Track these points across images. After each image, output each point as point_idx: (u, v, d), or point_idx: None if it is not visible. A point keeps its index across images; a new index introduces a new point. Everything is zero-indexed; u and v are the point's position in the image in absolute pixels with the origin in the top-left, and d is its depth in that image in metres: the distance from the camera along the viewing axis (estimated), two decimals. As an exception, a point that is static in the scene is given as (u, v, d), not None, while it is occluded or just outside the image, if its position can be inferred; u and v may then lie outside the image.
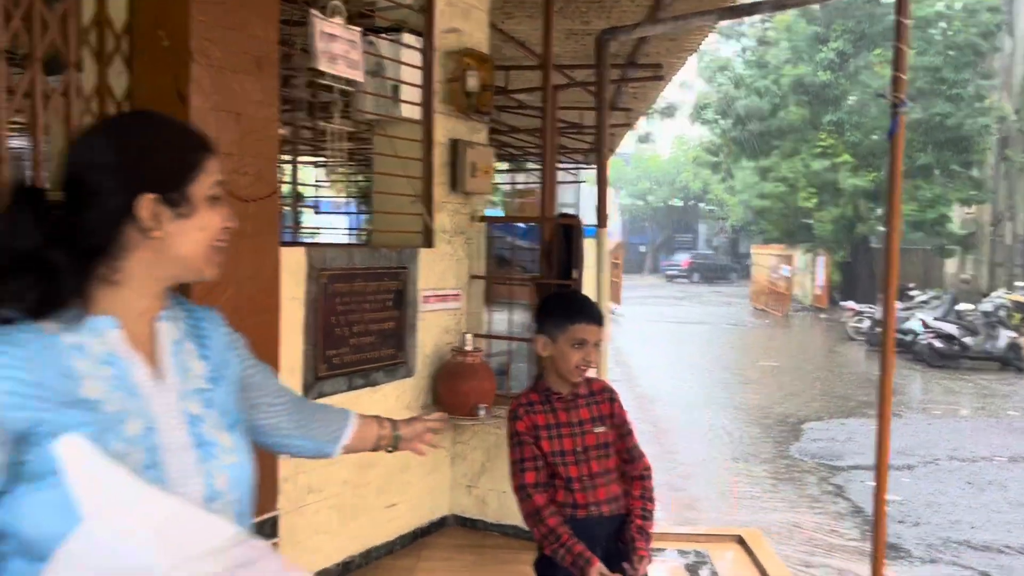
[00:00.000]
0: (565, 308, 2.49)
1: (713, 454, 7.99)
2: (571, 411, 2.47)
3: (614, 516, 2.45)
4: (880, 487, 3.65)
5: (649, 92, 9.90)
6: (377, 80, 4.08)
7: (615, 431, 2.50)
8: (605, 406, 2.51)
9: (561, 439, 2.45)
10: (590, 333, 2.42)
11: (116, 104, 2.72)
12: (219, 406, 1.28)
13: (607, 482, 2.45)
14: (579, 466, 2.44)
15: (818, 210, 23.56)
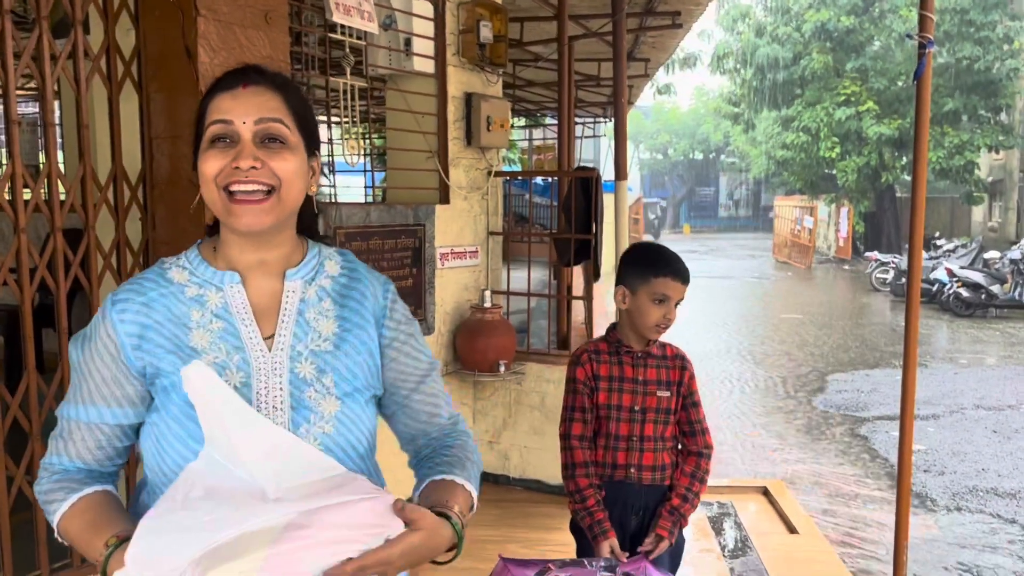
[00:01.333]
0: (650, 260, 2.34)
1: (738, 407, 7.97)
2: (638, 368, 2.36)
3: (654, 486, 2.36)
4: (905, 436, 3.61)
5: (667, 41, 9.68)
6: (389, 33, 4.00)
7: (681, 400, 2.40)
8: (675, 372, 2.39)
9: (621, 393, 2.36)
10: (674, 290, 2.30)
11: (125, 63, 2.68)
12: (337, 371, 1.25)
13: (657, 449, 2.35)
14: (632, 425, 2.35)
15: (841, 160, 23.17)
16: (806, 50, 23.51)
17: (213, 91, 1.24)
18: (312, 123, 1.28)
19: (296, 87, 1.29)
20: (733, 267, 23.62)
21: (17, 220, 2.39)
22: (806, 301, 16.23)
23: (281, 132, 1.21)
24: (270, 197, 1.19)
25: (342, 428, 1.23)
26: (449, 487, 1.25)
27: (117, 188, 2.69)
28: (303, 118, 1.25)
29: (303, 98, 1.28)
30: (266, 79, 1.24)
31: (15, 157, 2.40)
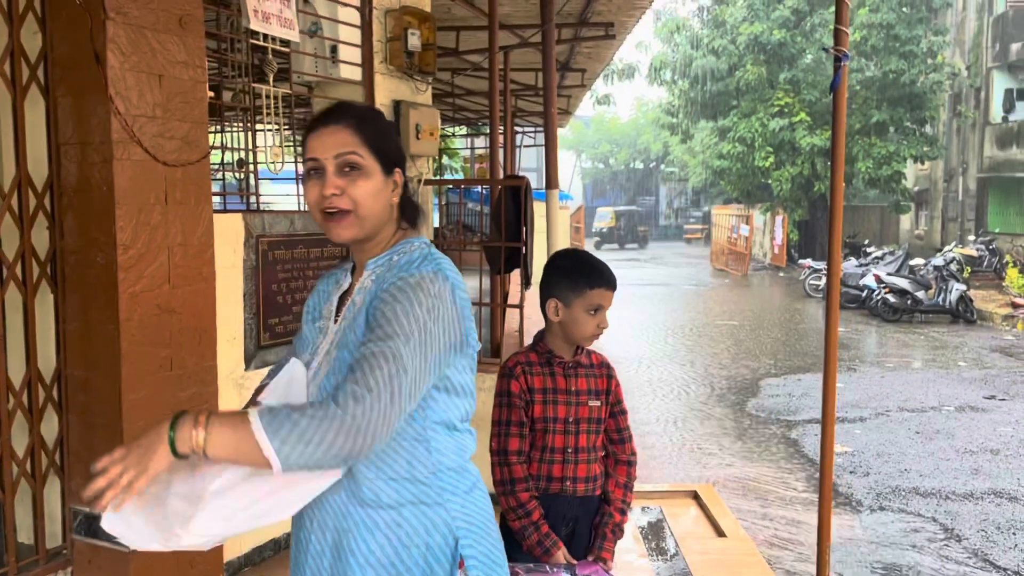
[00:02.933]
0: (583, 272, 2.30)
1: (671, 412, 8.07)
2: (570, 379, 2.34)
3: (587, 497, 2.36)
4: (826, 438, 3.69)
5: (603, 52, 9.82)
6: (315, 40, 3.96)
7: (608, 408, 2.39)
8: (603, 380, 2.39)
9: (556, 405, 2.33)
10: (607, 299, 2.31)
11: (30, 67, 2.60)
12: (335, 362, 1.49)
13: (589, 460, 2.35)
14: (567, 436, 2.32)
15: (776, 169, 23.73)
16: (740, 62, 24.05)
17: (308, 131, 1.54)
18: (387, 146, 1.54)
19: (372, 118, 1.57)
20: (672, 274, 23.96)
21: (-90, 228, 2.29)
22: (742, 307, 16.55)
23: (355, 162, 1.49)
24: (349, 215, 1.49)
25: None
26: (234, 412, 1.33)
27: (22, 195, 2.61)
28: (376, 145, 1.52)
29: (379, 127, 1.55)
30: (344, 116, 1.52)
31: (-91, 163, 2.30)
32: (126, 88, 2.57)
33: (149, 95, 2.65)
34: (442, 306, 1.43)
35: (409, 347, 1.36)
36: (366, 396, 1.28)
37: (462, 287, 1.52)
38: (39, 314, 2.68)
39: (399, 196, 1.57)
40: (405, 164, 1.61)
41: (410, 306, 1.39)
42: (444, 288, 1.45)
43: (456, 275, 1.52)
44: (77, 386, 2.69)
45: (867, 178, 22.95)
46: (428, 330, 1.40)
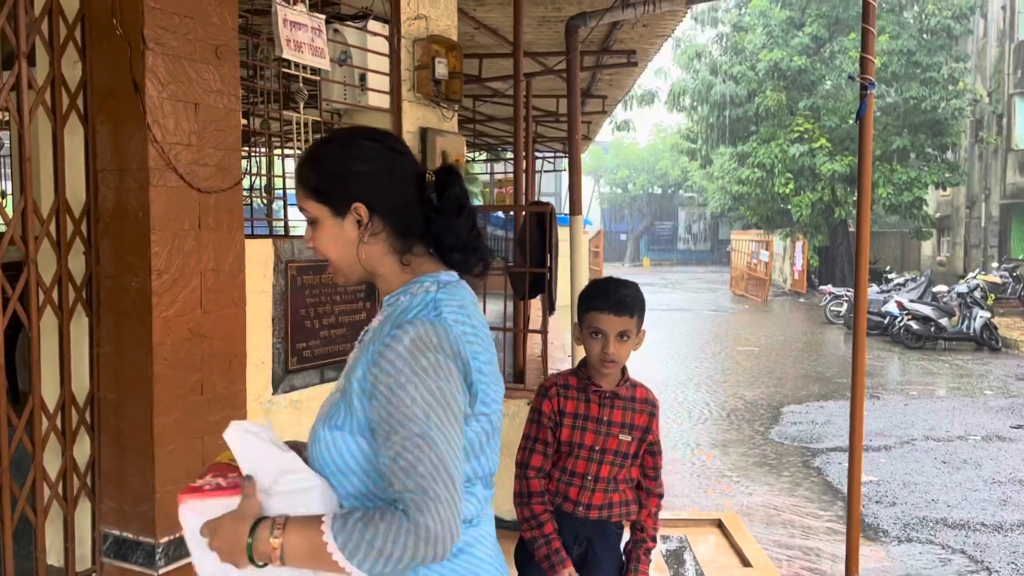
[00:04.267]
0: (587, 295, 2.33)
1: (693, 438, 8.01)
2: (604, 408, 2.35)
3: (600, 521, 2.38)
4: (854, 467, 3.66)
5: (624, 79, 9.88)
6: (344, 69, 4.02)
7: (645, 446, 2.41)
8: (642, 417, 2.38)
9: (584, 432, 2.33)
10: (605, 322, 2.25)
11: (70, 96, 2.66)
12: (331, 403, 1.40)
13: (608, 489, 2.36)
14: (589, 464, 2.33)
15: (796, 195, 23.67)
16: (760, 88, 24.09)
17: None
18: (328, 186, 1.40)
19: (312, 158, 1.44)
20: (691, 300, 23.88)
21: (-47, 254, 2.34)
22: (762, 334, 16.45)
23: (310, 215, 1.43)
24: (330, 265, 1.46)
25: (315, 449, 1.38)
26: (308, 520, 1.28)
27: (60, 221, 2.65)
28: (317, 188, 1.41)
29: (318, 167, 1.42)
30: (297, 168, 1.46)
31: (-47, 189, 2.35)
32: (163, 116, 2.62)
33: (185, 123, 2.70)
34: (446, 362, 1.29)
35: (435, 425, 1.25)
36: (428, 504, 1.21)
37: (472, 333, 1.37)
38: (74, 337, 2.72)
39: (382, 226, 1.40)
40: (375, 192, 1.40)
41: (416, 376, 1.27)
42: (445, 338, 1.31)
43: (463, 320, 1.37)
44: (109, 409, 2.72)
45: (888, 204, 22.84)
46: (443, 392, 1.28)
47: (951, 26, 22.76)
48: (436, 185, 1.43)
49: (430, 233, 1.42)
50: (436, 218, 1.41)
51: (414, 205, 1.41)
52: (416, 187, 1.42)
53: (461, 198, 1.44)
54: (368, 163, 1.40)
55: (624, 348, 2.29)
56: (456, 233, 1.43)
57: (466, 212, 1.44)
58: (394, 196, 1.40)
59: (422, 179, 1.43)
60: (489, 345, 1.42)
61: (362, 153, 1.41)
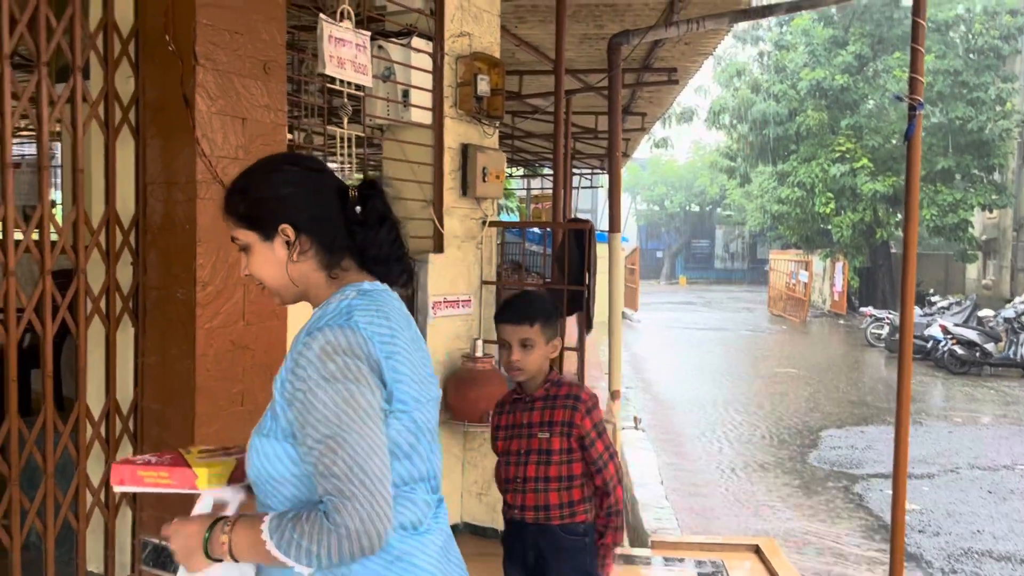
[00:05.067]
0: (497, 308, 2.52)
1: (730, 461, 7.89)
2: (524, 412, 2.47)
3: (539, 525, 2.44)
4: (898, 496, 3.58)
5: (664, 96, 9.85)
6: (388, 85, 4.06)
7: (572, 440, 2.42)
8: (561, 412, 2.42)
9: (510, 440, 2.50)
10: (507, 332, 2.40)
11: (123, 109, 2.71)
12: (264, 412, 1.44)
13: (539, 489, 2.43)
14: (516, 467, 2.46)
15: (836, 215, 23.35)
16: (801, 107, 23.85)
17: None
18: (253, 211, 1.45)
19: (236, 188, 1.48)
20: (728, 319, 23.62)
21: (7, 263, 2.39)
22: (801, 355, 16.20)
23: (241, 243, 1.48)
24: (267, 289, 1.50)
25: (251, 457, 1.41)
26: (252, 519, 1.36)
27: (110, 232, 2.70)
28: (243, 215, 1.46)
29: (244, 193, 1.46)
30: (225, 207, 1.49)
31: (7, 200, 2.41)
32: (211, 131, 2.66)
33: (233, 137, 2.74)
34: (357, 365, 1.31)
35: (349, 431, 1.28)
36: (345, 504, 1.26)
37: (388, 335, 1.38)
38: (119, 347, 2.76)
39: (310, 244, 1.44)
40: (299, 212, 1.44)
41: (324, 382, 1.30)
42: (355, 341, 1.33)
43: (378, 323, 1.38)
44: (152, 419, 2.75)
45: (932, 225, 22.42)
46: (356, 401, 1.30)
47: (999, 46, 22.35)
48: (359, 199, 1.49)
49: (355, 246, 1.47)
50: (359, 230, 1.46)
51: (338, 220, 1.46)
52: (339, 202, 1.47)
53: (383, 210, 1.49)
54: (290, 185, 1.45)
55: (530, 356, 2.40)
56: (379, 244, 1.48)
57: (388, 224, 1.49)
58: (318, 213, 1.45)
59: (345, 194, 1.48)
60: (413, 348, 1.44)
61: (283, 177, 1.46)
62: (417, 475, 1.42)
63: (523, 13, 6.19)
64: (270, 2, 2.87)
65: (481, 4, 4.44)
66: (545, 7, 5.82)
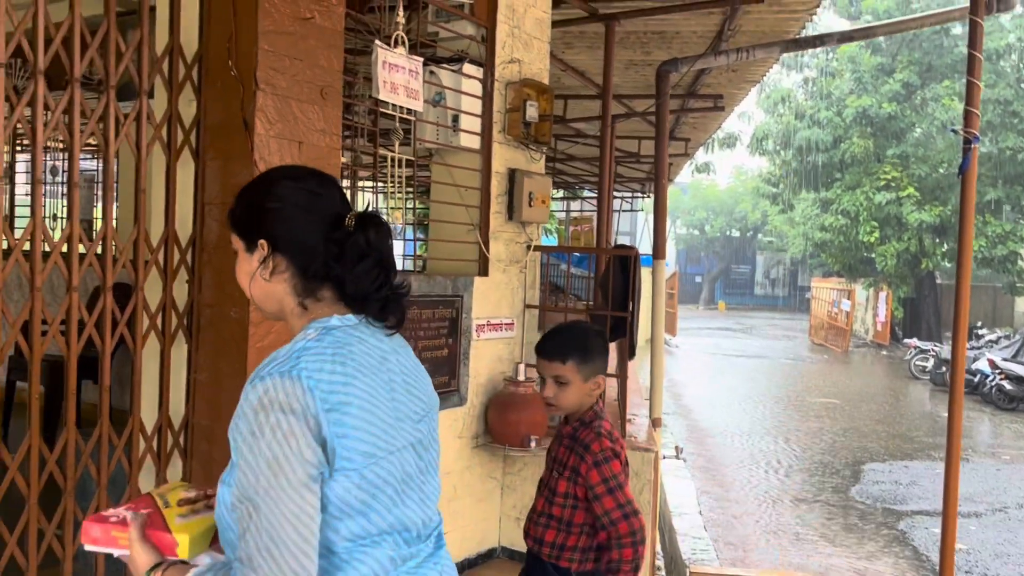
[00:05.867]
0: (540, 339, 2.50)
1: (768, 492, 7.77)
2: (556, 445, 2.48)
3: (551, 563, 2.42)
4: (947, 535, 3.49)
5: (709, 123, 9.83)
6: (438, 109, 4.11)
7: (574, 486, 2.35)
8: (573, 457, 2.36)
9: (546, 467, 2.52)
10: (542, 366, 2.40)
11: (184, 131, 2.79)
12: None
13: (541, 523, 2.44)
14: (539, 497, 2.48)
15: (881, 244, 23.01)
16: (846, 134, 23.62)
17: None
18: (243, 222, 1.43)
19: (239, 197, 1.46)
20: (768, 347, 23.32)
21: (71, 279, 2.46)
22: (842, 385, 15.93)
23: (233, 246, 1.45)
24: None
25: (217, 506, 1.33)
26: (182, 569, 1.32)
27: (168, 250, 2.77)
28: (236, 224, 1.44)
29: (241, 204, 1.44)
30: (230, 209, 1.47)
31: (74, 217, 2.48)
32: (269, 154, 2.72)
33: (289, 160, 2.79)
34: (290, 422, 1.21)
35: (265, 496, 1.20)
36: (249, 573, 1.18)
37: (342, 383, 1.27)
38: (173, 363, 2.82)
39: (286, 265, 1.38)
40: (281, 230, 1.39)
41: (254, 437, 1.21)
42: (292, 393, 1.22)
43: (330, 369, 1.27)
44: (202, 435, 2.79)
45: (980, 257, 21.97)
46: (278, 465, 1.20)
47: (1051, 75, 21.98)
48: (352, 230, 1.39)
49: (331, 278, 1.38)
50: (334, 265, 1.37)
51: (319, 247, 1.37)
52: (326, 229, 1.38)
53: (364, 247, 1.37)
54: (280, 201, 1.39)
55: (562, 393, 2.36)
56: (356, 280, 1.38)
57: (369, 261, 1.38)
58: (300, 236, 1.38)
59: (338, 222, 1.39)
60: (377, 394, 1.33)
61: (277, 191, 1.40)
62: (378, 528, 1.32)
63: (571, 39, 6.24)
64: (329, 30, 2.93)
65: (531, 31, 4.49)
66: (593, 34, 5.86)
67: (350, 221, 1.38)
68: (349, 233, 1.37)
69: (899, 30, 5.89)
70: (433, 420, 1.50)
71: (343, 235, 1.37)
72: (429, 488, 1.44)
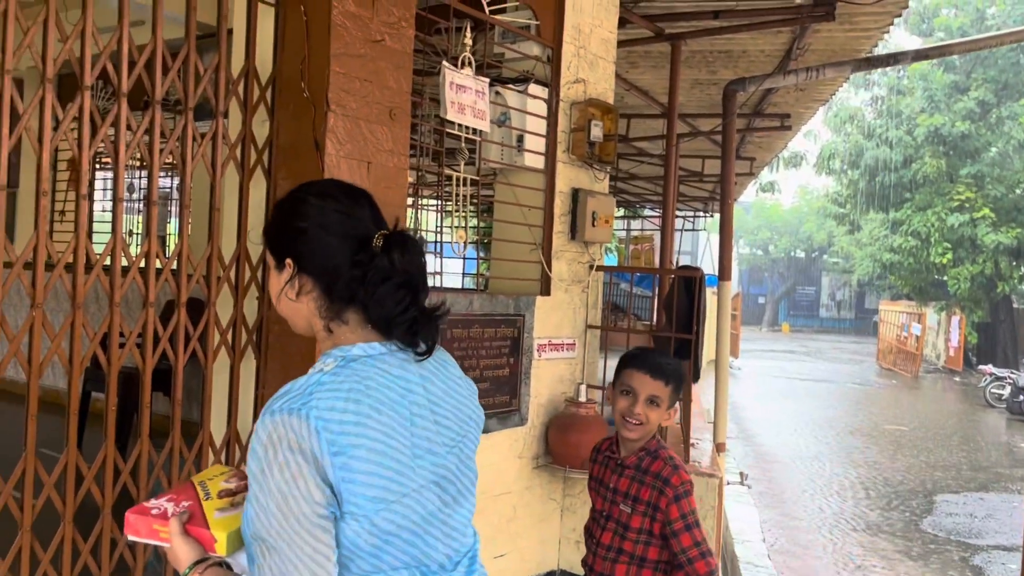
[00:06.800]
0: (626, 356, 2.40)
1: (835, 521, 7.53)
2: (614, 474, 2.36)
3: None
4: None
5: (775, 142, 9.68)
6: (503, 129, 4.13)
7: (653, 523, 2.27)
8: (649, 492, 2.27)
9: (596, 495, 2.42)
10: (640, 382, 2.28)
11: (257, 151, 2.85)
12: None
13: (609, 558, 2.32)
14: (600, 529, 2.38)
15: (953, 267, 22.28)
16: (917, 154, 23.00)
17: None
18: (273, 239, 1.41)
19: (273, 213, 1.44)
20: (834, 371, 22.73)
21: (148, 295, 2.53)
22: (912, 412, 15.41)
23: (268, 262, 1.42)
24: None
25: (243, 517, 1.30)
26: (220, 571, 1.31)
27: (239, 267, 2.83)
28: (268, 240, 1.42)
29: (273, 221, 1.42)
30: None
31: (152, 234, 2.56)
32: (339, 173, 2.76)
33: (358, 181, 2.83)
34: (297, 462, 1.18)
35: (278, 536, 1.18)
36: None
37: (353, 423, 1.22)
38: (242, 378, 2.87)
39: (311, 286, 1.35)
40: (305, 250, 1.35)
41: (263, 475, 1.19)
42: (300, 433, 1.19)
43: (343, 407, 1.22)
44: (269, 448, 2.84)
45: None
46: (287, 503, 1.18)
47: None
48: (382, 250, 1.33)
49: (356, 301, 1.33)
50: (357, 288, 1.32)
51: (344, 268, 1.32)
52: (354, 251, 1.32)
53: (388, 268, 1.31)
54: (305, 220, 1.35)
55: (653, 413, 2.29)
56: (378, 303, 1.32)
57: (392, 283, 1.31)
58: (324, 257, 1.33)
59: (366, 243, 1.33)
60: (394, 433, 1.28)
61: (304, 209, 1.36)
62: (391, 568, 1.28)
63: (635, 59, 6.22)
64: (398, 51, 2.98)
65: (597, 51, 4.49)
66: (658, 53, 5.83)
67: (378, 242, 1.33)
68: (374, 255, 1.32)
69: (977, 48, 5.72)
70: (469, 444, 1.45)
71: (368, 257, 1.32)
72: (456, 520, 1.39)
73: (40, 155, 2.28)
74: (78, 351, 2.39)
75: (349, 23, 2.78)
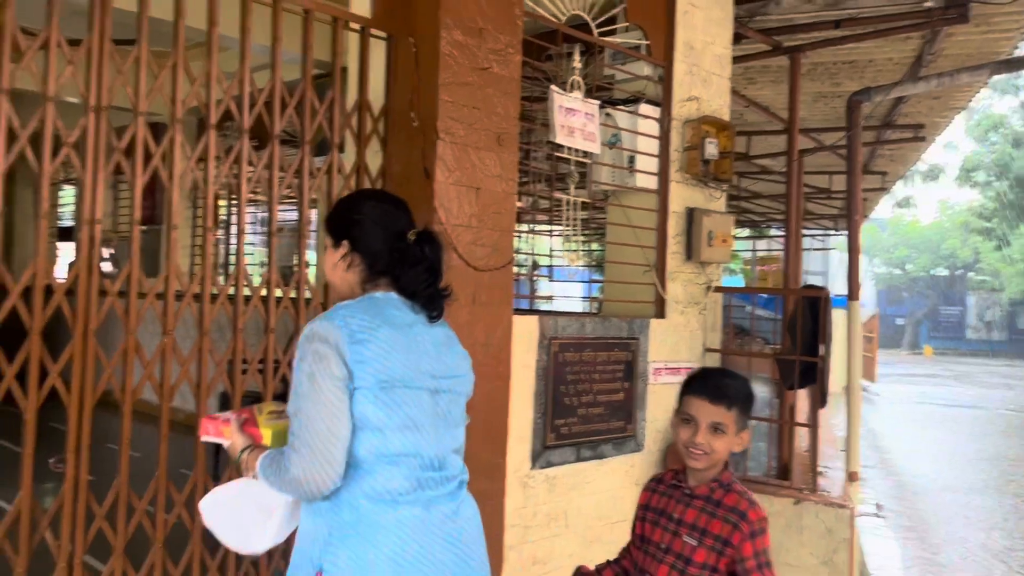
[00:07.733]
0: (687, 379, 2.22)
1: (988, 561, 6.96)
2: (679, 504, 2.18)
3: None
4: None
5: (908, 154, 9.19)
6: (614, 151, 4.10)
7: (727, 561, 2.08)
8: (721, 526, 2.09)
9: (654, 527, 2.22)
10: (699, 408, 2.10)
11: (371, 181, 2.94)
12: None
13: None
14: (653, 562, 2.18)
15: (1121, 282, 20.40)
16: (1074, 161, 21.31)
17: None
18: (333, 223, 1.85)
19: (333, 207, 1.90)
20: (984, 396, 21.15)
21: (268, 321, 2.64)
22: (1077, 442, 14.11)
23: (325, 243, 1.86)
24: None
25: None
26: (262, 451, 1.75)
27: (355, 294, 2.91)
28: (328, 226, 1.85)
29: (333, 212, 1.88)
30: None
31: (272, 264, 2.67)
32: (448, 200, 2.81)
33: (467, 206, 2.87)
34: (324, 349, 1.62)
35: (306, 400, 1.61)
36: (292, 455, 1.62)
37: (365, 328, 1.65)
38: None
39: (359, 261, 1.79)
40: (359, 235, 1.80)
41: (301, 361, 1.64)
42: (330, 333, 1.63)
43: (358, 317, 1.66)
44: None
45: None
46: (314, 378, 1.61)
47: None
48: (415, 242, 1.80)
49: (391, 274, 1.79)
50: (395, 266, 1.78)
51: (384, 251, 1.79)
52: (393, 238, 1.80)
53: (419, 256, 1.79)
54: (361, 214, 1.82)
55: (717, 441, 2.08)
56: (411, 278, 1.79)
57: (423, 266, 1.79)
58: (372, 242, 1.80)
59: (402, 235, 1.80)
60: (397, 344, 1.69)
61: (360, 206, 1.84)
62: (394, 450, 1.67)
63: (753, 74, 6.07)
64: (506, 78, 3.01)
65: (710, 68, 4.39)
66: (777, 67, 5.66)
67: (411, 236, 1.80)
68: (409, 244, 1.79)
69: None
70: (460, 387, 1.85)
71: (404, 245, 1.79)
72: (445, 435, 1.78)
73: (171, 191, 2.43)
74: (205, 375, 2.51)
75: (456, 52, 2.83)
